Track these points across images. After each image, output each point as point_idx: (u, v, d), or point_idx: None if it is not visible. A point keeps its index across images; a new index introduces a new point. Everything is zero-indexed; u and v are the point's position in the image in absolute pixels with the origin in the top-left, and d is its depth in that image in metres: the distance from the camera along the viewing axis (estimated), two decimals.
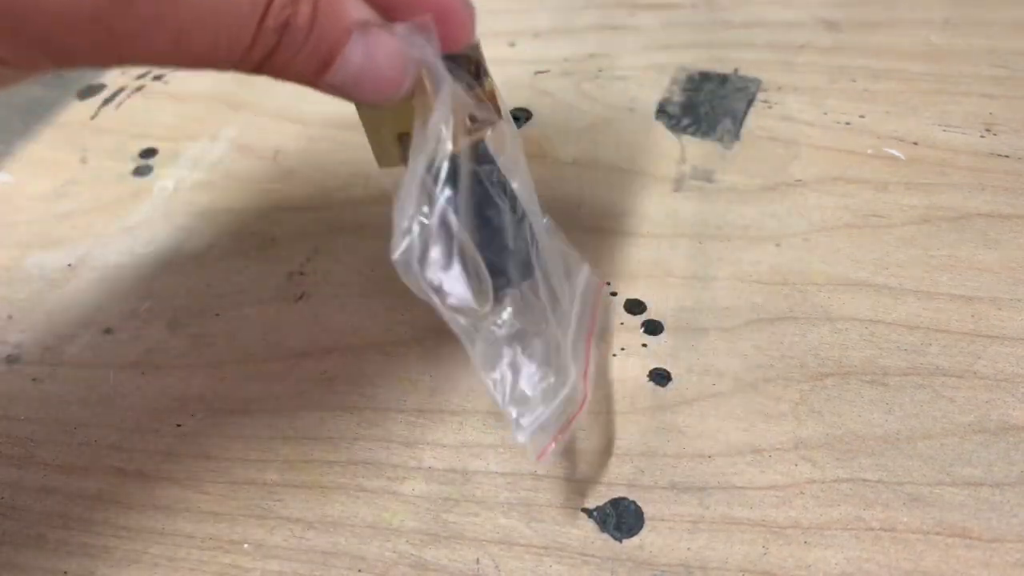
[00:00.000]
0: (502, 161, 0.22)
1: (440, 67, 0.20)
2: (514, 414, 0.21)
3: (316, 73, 0.19)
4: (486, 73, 0.22)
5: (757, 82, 0.35)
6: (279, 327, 0.28)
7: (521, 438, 0.21)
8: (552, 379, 0.22)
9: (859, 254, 0.28)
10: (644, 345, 0.26)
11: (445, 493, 0.23)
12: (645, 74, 0.36)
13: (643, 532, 0.22)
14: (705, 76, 0.35)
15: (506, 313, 0.22)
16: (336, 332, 0.28)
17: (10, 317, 0.30)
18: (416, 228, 0.20)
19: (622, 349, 0.26)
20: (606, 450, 0.24)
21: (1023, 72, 0.34)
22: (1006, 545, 0.21)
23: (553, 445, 0.21)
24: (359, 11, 0.20)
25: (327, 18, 0.20)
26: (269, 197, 0.33)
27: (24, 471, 0.25)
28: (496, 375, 0.21)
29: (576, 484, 0.23)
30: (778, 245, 0.29)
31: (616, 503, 0.23)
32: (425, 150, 0.20)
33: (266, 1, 0.18)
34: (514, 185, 0.22)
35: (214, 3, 0.18)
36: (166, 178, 0.34)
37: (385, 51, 0.20)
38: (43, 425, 0.26)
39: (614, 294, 0.28)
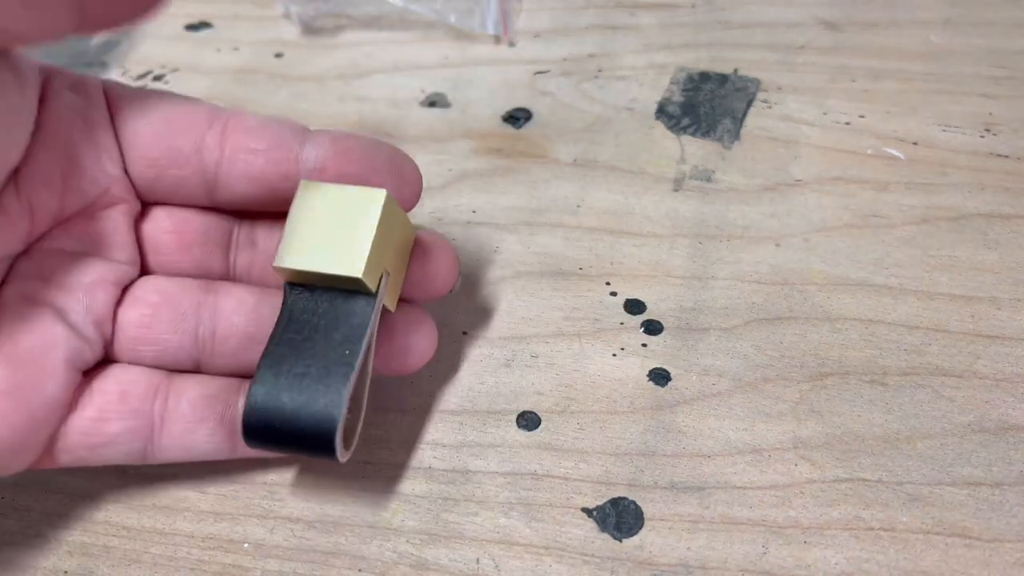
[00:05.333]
0: None
1: None
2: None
3: None
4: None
5: (757, 82, 0.35)
6: None
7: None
8: None
9: (859, 254, 0.28)
10: (644, 345, 0.26)
11: (445, 493, 0.23)
12: (645, 74, 0.36)
13: (643, 532, 0.22)
14: (705, 76, 0.35)
15: None
16: None
17: None
18: None
19: (622, 349, 0.26)
20: (606, 450, 0.24)
21: (1023, 72, 0.34)
22: (1006, 545, 0.21)
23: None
24: None
25: None
26: None
27: (24, 471, 0.25)
28: None
29: (576, 484, 0.23)
30: (778, 245, 0.29)
31: (616, 503, 0.23)
32: None
33: None
34: None
35: None
36: None
37: None
38: None
39: (614, 294, 0.28)
